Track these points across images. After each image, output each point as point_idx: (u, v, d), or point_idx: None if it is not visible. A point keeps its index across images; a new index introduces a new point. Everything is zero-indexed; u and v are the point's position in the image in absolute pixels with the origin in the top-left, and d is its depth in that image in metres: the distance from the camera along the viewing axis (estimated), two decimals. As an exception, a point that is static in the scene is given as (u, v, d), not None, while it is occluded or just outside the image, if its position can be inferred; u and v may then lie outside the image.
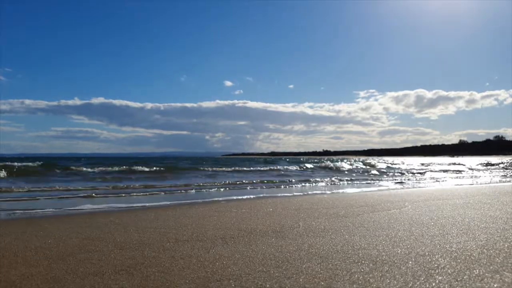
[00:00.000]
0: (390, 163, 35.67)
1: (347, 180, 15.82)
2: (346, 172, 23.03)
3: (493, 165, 33.04)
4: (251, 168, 24.59)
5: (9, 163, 21.09)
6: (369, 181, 14.97)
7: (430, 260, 2.76)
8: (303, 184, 13.57)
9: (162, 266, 2.75)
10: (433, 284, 2.25)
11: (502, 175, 18.70)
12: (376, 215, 5.05)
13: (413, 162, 43.59)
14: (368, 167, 27.67)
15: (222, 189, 11.18)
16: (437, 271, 2.49)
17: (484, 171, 24.20)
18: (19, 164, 21.20)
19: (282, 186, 12.40)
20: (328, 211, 5.47)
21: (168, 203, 7.72)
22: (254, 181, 14.50)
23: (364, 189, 10.93)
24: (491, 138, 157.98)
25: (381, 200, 6.92)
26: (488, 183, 12.81)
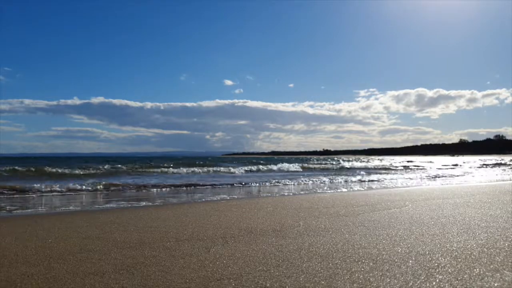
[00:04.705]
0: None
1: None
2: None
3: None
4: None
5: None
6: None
7: (430, 259, 2.75)
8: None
9: (163, 265, 2.75)
10: (434, 283, 2.24)
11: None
12: (377, 214, 5.05)
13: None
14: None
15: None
16: (437, 270, 2.49)
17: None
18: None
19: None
20: (329, 210, 5.47)
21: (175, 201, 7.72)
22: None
23: (365, 189, 10.93)
24: (492, 137, 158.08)
25: (382, 199, 6.92)
26: (489, 182, 12.80)
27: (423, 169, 26.07)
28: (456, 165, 31.75)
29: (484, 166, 30.15)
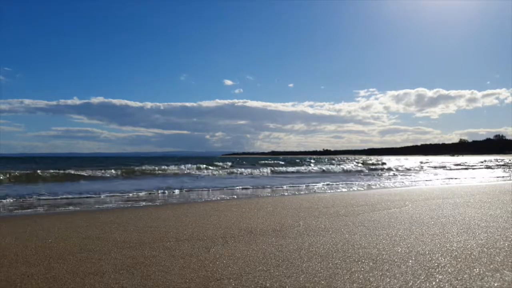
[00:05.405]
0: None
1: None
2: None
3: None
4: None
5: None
6: None
7: (430, 259, 2.76)
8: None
9: (162, 265, 2.76)
10: (433, 283, 2.25)
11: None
12: (377, 214, 5.05)
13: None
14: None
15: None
16: (437, 270, 2.49)
17: None
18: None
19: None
20: (329, 210, 5.47)
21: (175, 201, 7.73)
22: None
23: (364, 189, 10.93)
24: (492, 137, 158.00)
25: (382, 199, 6.92)
26: (489, 182, 12.80)
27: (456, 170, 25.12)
28: (473, 165, 31.24)
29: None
